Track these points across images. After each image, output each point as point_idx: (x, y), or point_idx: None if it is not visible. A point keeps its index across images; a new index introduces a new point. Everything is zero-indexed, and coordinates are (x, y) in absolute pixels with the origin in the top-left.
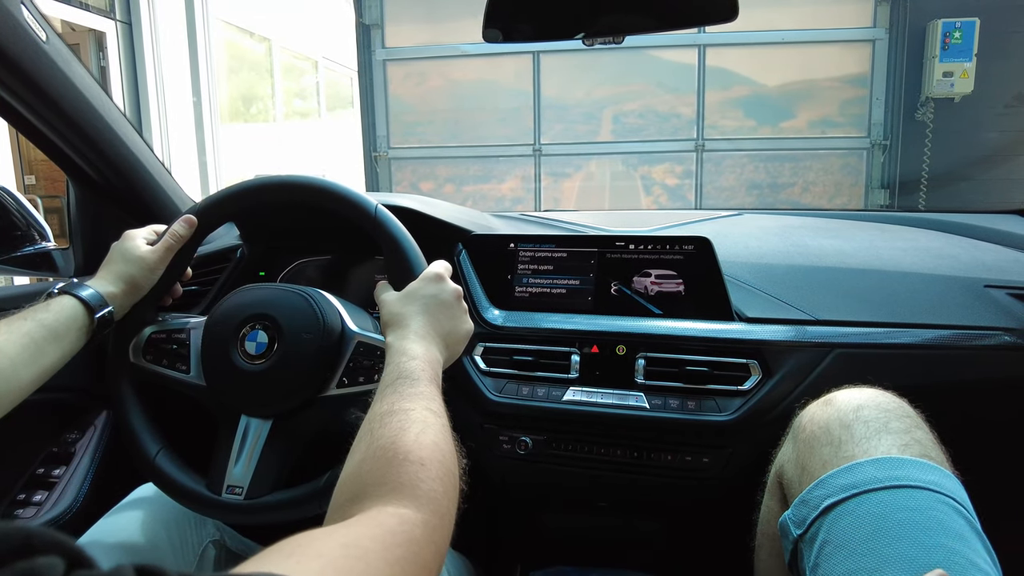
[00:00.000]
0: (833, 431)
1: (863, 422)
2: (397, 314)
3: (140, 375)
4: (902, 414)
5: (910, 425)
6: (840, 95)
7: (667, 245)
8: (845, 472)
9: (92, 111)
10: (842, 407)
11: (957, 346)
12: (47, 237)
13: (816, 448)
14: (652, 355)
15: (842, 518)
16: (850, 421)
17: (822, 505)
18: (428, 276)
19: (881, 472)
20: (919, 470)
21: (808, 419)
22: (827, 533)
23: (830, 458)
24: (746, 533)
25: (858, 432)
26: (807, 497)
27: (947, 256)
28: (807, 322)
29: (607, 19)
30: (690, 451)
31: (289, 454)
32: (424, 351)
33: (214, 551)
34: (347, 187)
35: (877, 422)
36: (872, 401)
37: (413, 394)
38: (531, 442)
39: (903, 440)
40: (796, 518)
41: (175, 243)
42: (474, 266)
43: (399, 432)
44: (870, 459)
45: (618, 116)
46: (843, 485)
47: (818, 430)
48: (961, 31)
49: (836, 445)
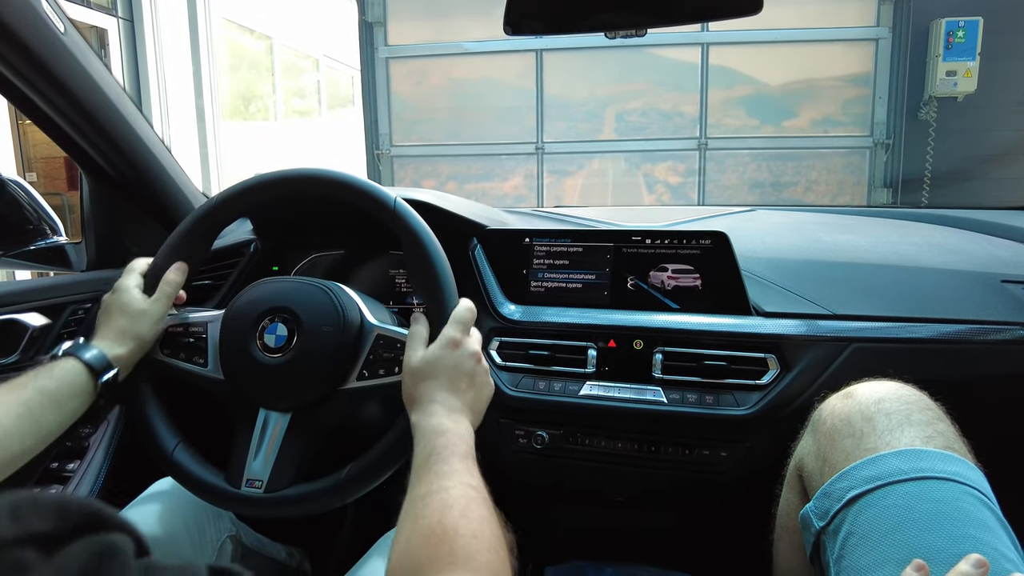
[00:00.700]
0: (855, 423)
1: (885, 414)
2: (419, 391)
3: (157, 369)
4: (924, 407)
5: (932, 417)
6: (843, 94)
7: (684, 240)
8: (868, 464)
9: (108, 104)
10: (863, 400)
11: (974, 340)
12: (59, 232)
13: (837, 440)
14: (669, 349)
15: (867, 509)
16: (872, 413)
17: (846, 497)
18: (444, 342)
19: (905, 464)
20: (943, 462)
21: (828, 412)
22: (851, 525)
23: (852, 450)
24: (763, 527)
25: (880, 424)
26: (829, 489)
27: (963, 252)
28: (824, 316)
29: (630, 12)
30: (708, 445)
31: (309, 447)
32: (453, 425)
33: (231, 546)
34: (366, 180)
35: (899, 414)
36: (893, 394)
37: (448, 472)
38: (547, 436)
39: (926, 432)
40: (818, 510)
41: (172, 291)
42: (489, 260)
43: (443, 510)
44: (893, 451)
45: (621, 114)
46: (867, 477)
47: (839, 423)
48: (964, 30)
49: (858, 437)
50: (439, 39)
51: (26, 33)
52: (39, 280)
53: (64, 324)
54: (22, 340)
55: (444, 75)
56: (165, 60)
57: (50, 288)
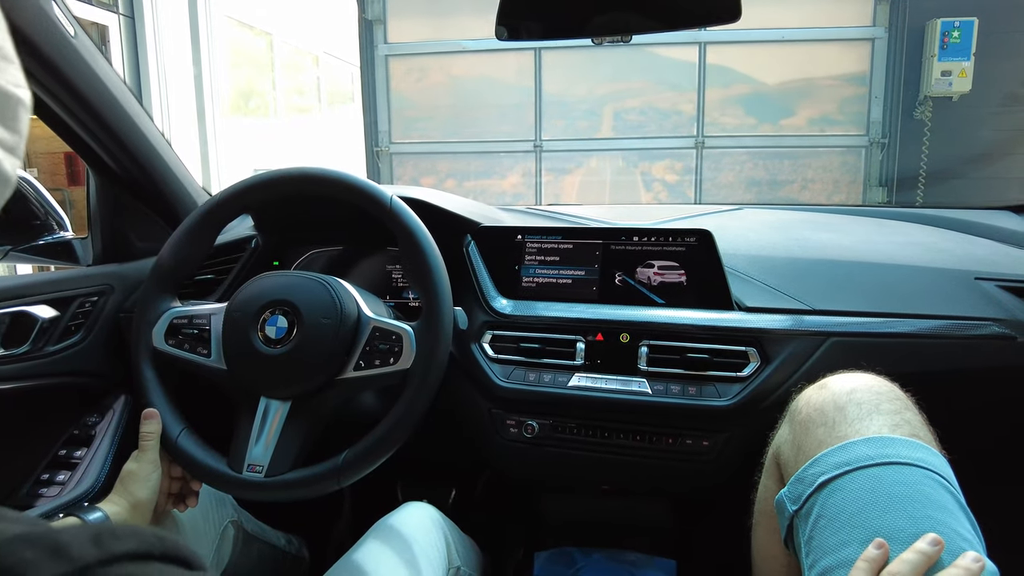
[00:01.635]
0: (828, 413)
1: (856, 404)
2: None
3: (162, 359)
4: (893, 397)
5: (900, 407)
6: (839, 93)
7: (670, 237)
8: (838, 451)
9: (115, 104)
10: (836, 390)
11: (948, 335)
12: (65, 227)
13: (811, 429)
14: (654, 343)
15: (835, 493)
16: (844, 403)
17: (816, 482)
18: None
19: (872, 450)
20: (908, 448)
21: (804, 402)
22: (821, 508)
23: (824, 438)
24: (744, 513)
25: (851, 413)
26: (803, 475)
27: (940, 250)
28: (804, 311)
29: (613, 19)
30: (691, 435)
31: (308, 434)
32: None
33: (233, 531)
34: (363, 179)
35: (869, 404)
36: (864, 384)
37: None
38: (537, 426)
39: (894, 420)
40: (792, 495)
41: (153, 442)
42: (483, 256)
43: None
44: (862, 438)
45: (619, 113)
46: (836, 463)
47: (813, 412)
48: (960, 30)
49: (830, 426)
50: (439, 37)
51: (38, 37)
52: (48, 274)
53: (72, 316)
54: (32, 331)
55: (443, 73)
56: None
57: (58, 281)
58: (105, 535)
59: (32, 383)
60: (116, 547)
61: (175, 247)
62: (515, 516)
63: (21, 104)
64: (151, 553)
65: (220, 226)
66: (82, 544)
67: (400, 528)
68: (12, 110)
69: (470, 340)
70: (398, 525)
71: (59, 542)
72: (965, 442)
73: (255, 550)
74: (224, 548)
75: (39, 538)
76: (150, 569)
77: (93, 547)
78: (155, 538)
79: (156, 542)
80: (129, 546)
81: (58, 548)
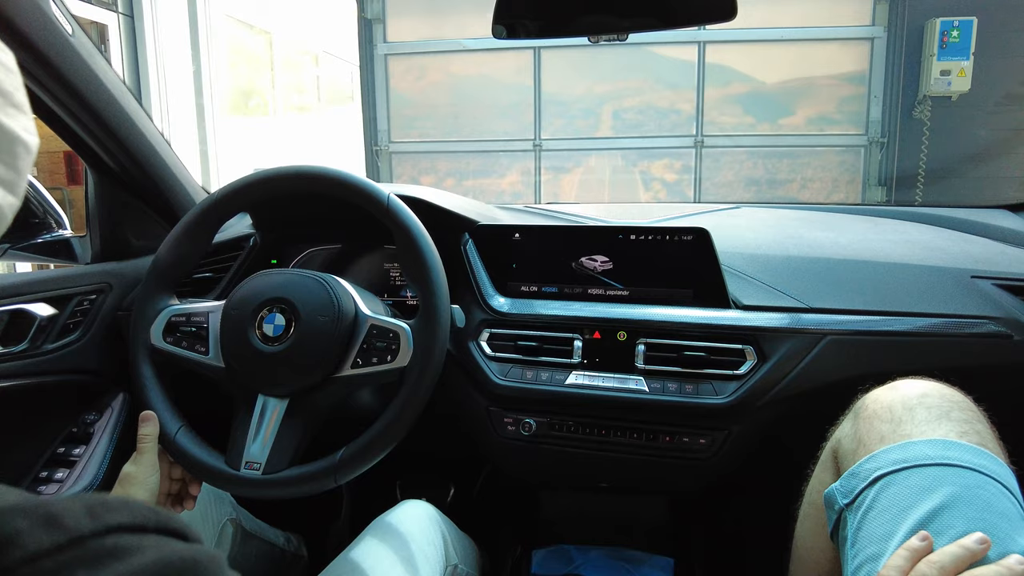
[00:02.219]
0: (896, 411)
1: (926, 407)
2: None
3: (160, 356)
4: (966, 407)
5: (971, 417)
6: (838, 93)
7: (667, 236)
8: (899, 448)
9: (114, 102)
10: (907, 392)
11: (945, 333)
12: (64, 225)
13: (875, 424)
14: (652, 341)
15: (889, 487)
16: (913, 405)
17: (871, 476)
18: None
19: (934, 451)
20: (973, 455)
21: (872, 399)
22: (872, 500)
23: (888, 434)
24: (740, 511)
25: (919, 416)
26: (857, 470)
27: (937, 248)
28: (801, 310)
29: (610, 18)
30: (687, 433)
31: (305, 431)
32: None
33: (231, 529)
34: (361, 177)
35: (939, 409)
36: (937, 390)
37: None
38: (535, 424)
39: (962, 428)
40: (844, 489)
41: (151, 445)
42: (480, 255)
43: None
44: (926, 439)
45: (618, 112)
46: (895, 459)
47: (881, 409)
48: (959, 30)
49: (896, 423)
50: (438, 36)
51: (36, 35)
52: (46, 272)
53: (70, 314)
54: (31, 329)
55: (442, 72)
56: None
57: (57, 280)
58: (99, 506)
59: (30, 381)
60: (110, 519)
61: (173, 245)
62: (513, 514)
63: (24, 145)
64: (145, 525)
65: (218, 224)
66: (76, 515)
67: (398, 526)
68: (12, 147)
69: (467, 338)
70: (396, 523)
71: (53, 512)
72: None
73: (253, 548)
74: (223, 546)
75: (33, 508)
76: (145, 541)
77: (87, 518)
78: (149, 511)
79: (150, 514)
80: (123, 518)
81: (51, 518)
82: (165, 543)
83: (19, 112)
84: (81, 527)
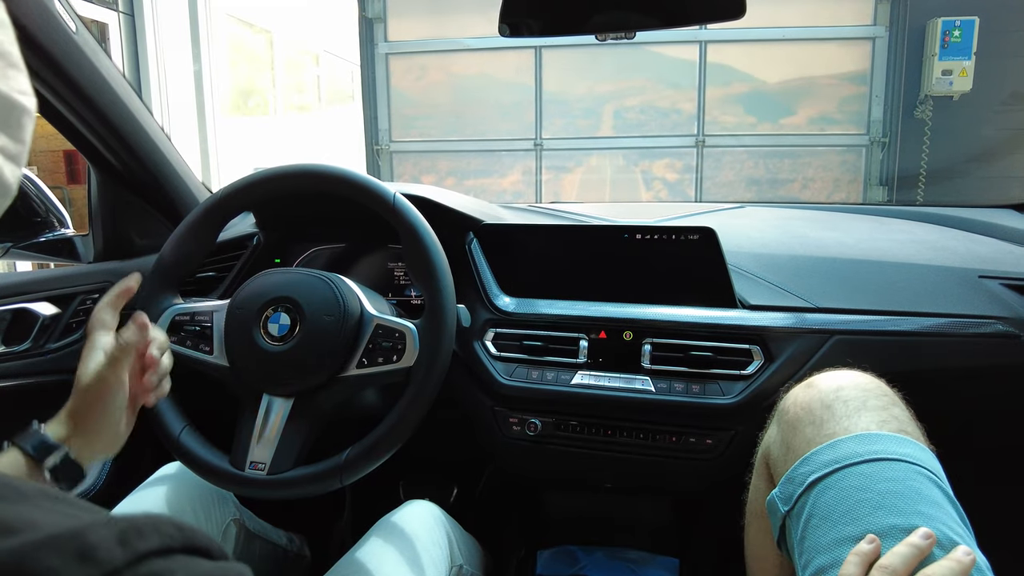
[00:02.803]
0: (815, 411)
1: (843, 401)
2: None
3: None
4: (880, 393)
5: (887, 403)
6: (840, 92)
7: (672, 235)
8: (827, 449)
9: (117, 100)
10: (823, 388)
11: (952, 333)
12: (66, 224)
13: (800, 428)
14: (658, 341)
15: (826, 492)
16: (831, 401)
17: (807, 481)
18: None
19: (861, 447)
20: (896, 444)
21: (791, 402)
22: (812, 507)
23: (813, 436)
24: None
25: (839, 411)
26: (792, 475)
27: (943, 248)
28: (808, 309)
29: (617, 15)
30: (694, 433)
31: (310, 431)
32: None
33: (235, 529)
34: (366, 176)
35: (856, 401)
36: (851, 382)
37: None
38: (540, 424)
39: (881, 416)
40: (783, 495)
41: (102, 320)
42: (485, 254)
43: None
44: (851, 435)
45: (619, 111)
46: (826, 461)
47: (801, 411)
48: (961, 29)
49: (818, 424)
50: (439, 35)
51: (40, 33)
52: (49, 271)
53: (73, 314)
54: (34, 328)
55: (443, 71)
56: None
57: (60, 279)
58: (130, 532)
59: (33, 380)
60: (141, 546)
61: (177, 244)
62: (517, 514)
63: (26, 112)
64: (172, 547)
65: (222, 223)
66: (109, 546)
67: (403, 526)
68: (16, 118)
69: (473, 338)
70: (400, 523)
71: (86, 546)
72: (969, 441)
73: (257, 548)
74: (226, 547)
75: (65, 543)
76: (174, 563)
77: (119, 547)
78: (175, 529)
79: (176, 533)
80: (153, 543)
81: (85, 552)
82: (194, 564)
83: (18, 72)
84: (114, 559)
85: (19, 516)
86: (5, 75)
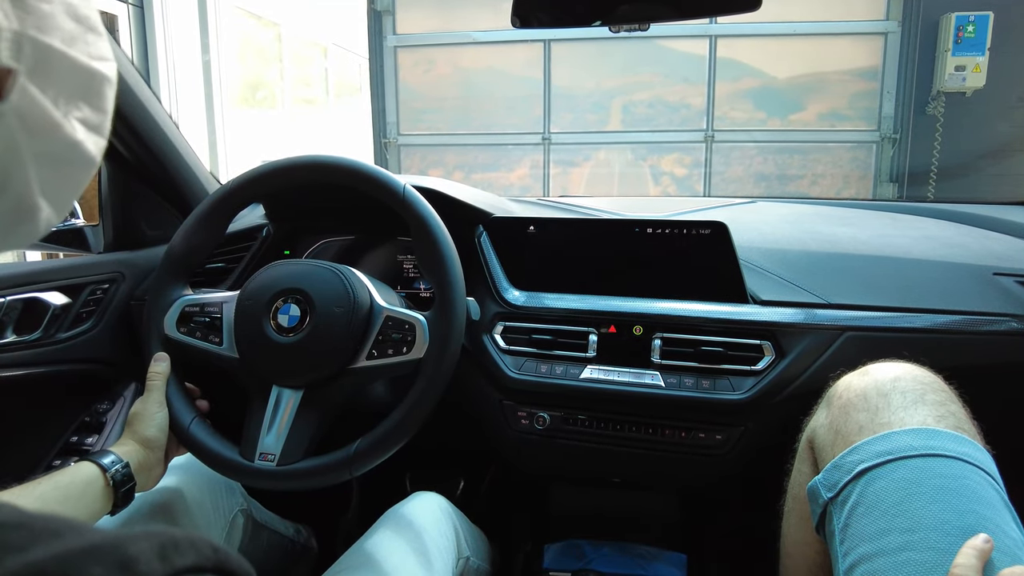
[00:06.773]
0: (870, 399)
1: (900, 392)
2: None
3: (174, 347)
4: (938, 388)
5: (945, 399)
6: (850, 88)
7: (684, 230)
8: (881, 439)
9: (128, 91)
10: (880, 377)
11: (966, 331)
12: (76, 214)
13: (852, 414)
14: (668, 335)
15: (875, 481)
16: (888, 390)
17: (856, 469)
18: None
19: (916, 440)
20: (953, 441)
21: (844, 387)
22: (859, 495)
23: (866, 424)
24: (757, 508)
25: (895, 401)
26: (840, 462)
27: (957, 245)
28: (819, 305)
29: (632, 7)
30: (704, 428)
31: (319, 423)
32: None
33: (242, 519)
34: (376, 168)
35: (914, 393)
36: (909, 374)
37: None
38: (548, 418)
39: (939, 412)
40: (828, 482)
41: (159, 380)
42: (494, 247)
43: None
44: (906, 428)
45: (628, 106)
46: (878, 451)
47: (855, 397)
48: (974, 25)
49: (872, 412)
50: (447, 28)
51: None
52: (60, 260)
53: (83, 303)
54: (44, 318)
55: (452, 64)
56: (174, 47)
57: (70, 268)
58: (169, 548)
59: (43, 370)
60: (179, 562)
61: (187, 235)
62: (524, 508)
63: (106, 80)
64: (205, 567)
65: (232, 214)
66: (149, 560)
67: (410, 518)
68: (97, 88)
69: (482, 331)
70: (408, 515)
71: (127, 557)
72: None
73: (264, 539)
74: (233, 537)
75: (107, 553)
76: None
77: (158, 561)
78: (210, 549)
79: (211, 554)
80: (189, 560)
81: (126, 564)
82: None
83: (98, 37)
84: (153, 572)
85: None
86: (85, 40)
